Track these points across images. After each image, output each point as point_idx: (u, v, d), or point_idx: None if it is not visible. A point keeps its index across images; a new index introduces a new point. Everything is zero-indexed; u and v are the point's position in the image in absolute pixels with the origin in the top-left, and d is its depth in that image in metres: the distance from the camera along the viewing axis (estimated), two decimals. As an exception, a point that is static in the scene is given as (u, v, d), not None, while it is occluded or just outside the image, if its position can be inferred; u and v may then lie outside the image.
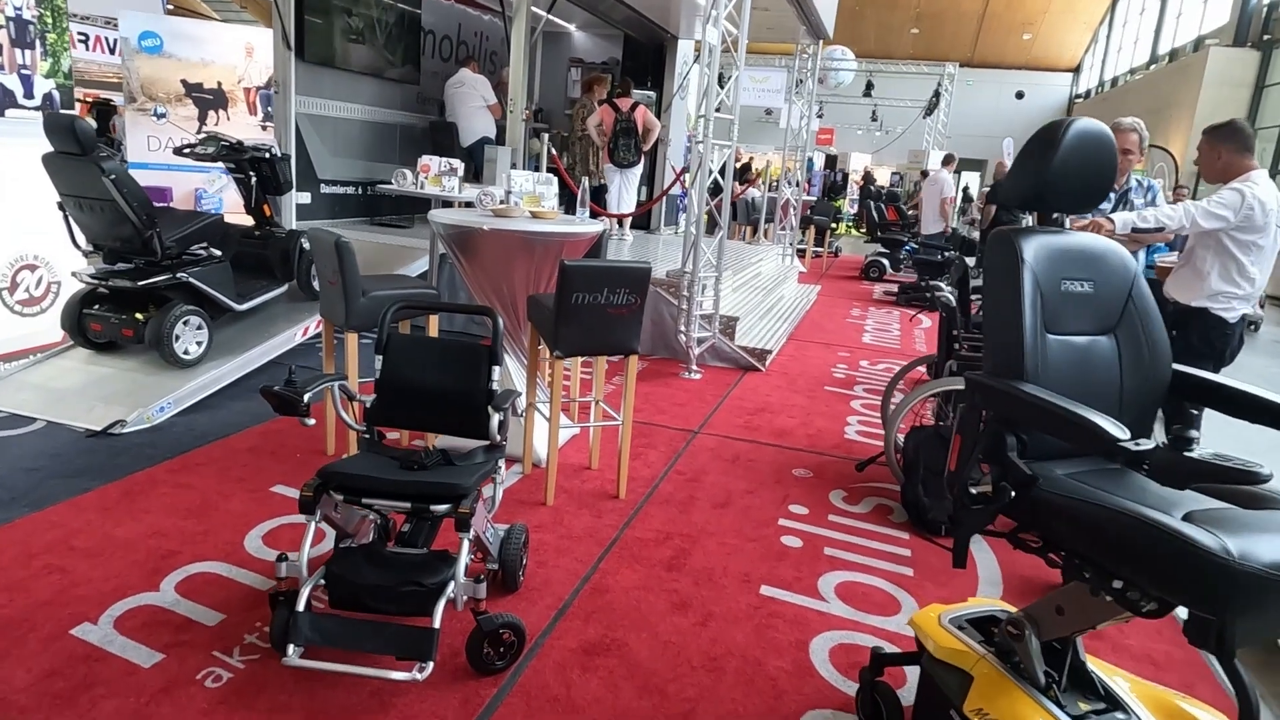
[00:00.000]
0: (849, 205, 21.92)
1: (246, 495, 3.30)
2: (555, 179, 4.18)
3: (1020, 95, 36.08)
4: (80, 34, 21.43)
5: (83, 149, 3.89)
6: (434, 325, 3.75)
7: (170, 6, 14.04)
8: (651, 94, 9.79)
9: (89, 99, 24.31)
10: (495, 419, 2.32)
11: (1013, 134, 27.78)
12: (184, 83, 13.29)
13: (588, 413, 4.19)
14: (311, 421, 2.35)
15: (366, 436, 2.60)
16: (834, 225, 16.25)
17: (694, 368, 5.66)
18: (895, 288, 10.93)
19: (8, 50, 4.19)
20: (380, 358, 2.60)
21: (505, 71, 8.65)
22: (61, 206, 4.20)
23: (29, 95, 4.33)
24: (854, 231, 21.02)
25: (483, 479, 2.37)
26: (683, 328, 5.68)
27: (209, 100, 13.51)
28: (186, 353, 4.31)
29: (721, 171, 5.79)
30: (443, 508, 2.23)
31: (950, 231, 10.49)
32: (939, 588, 3.02)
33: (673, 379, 5.55)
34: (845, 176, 23.38)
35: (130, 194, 3.95)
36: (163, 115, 9.78)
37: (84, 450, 3.62)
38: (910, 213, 13.35)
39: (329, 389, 2.49)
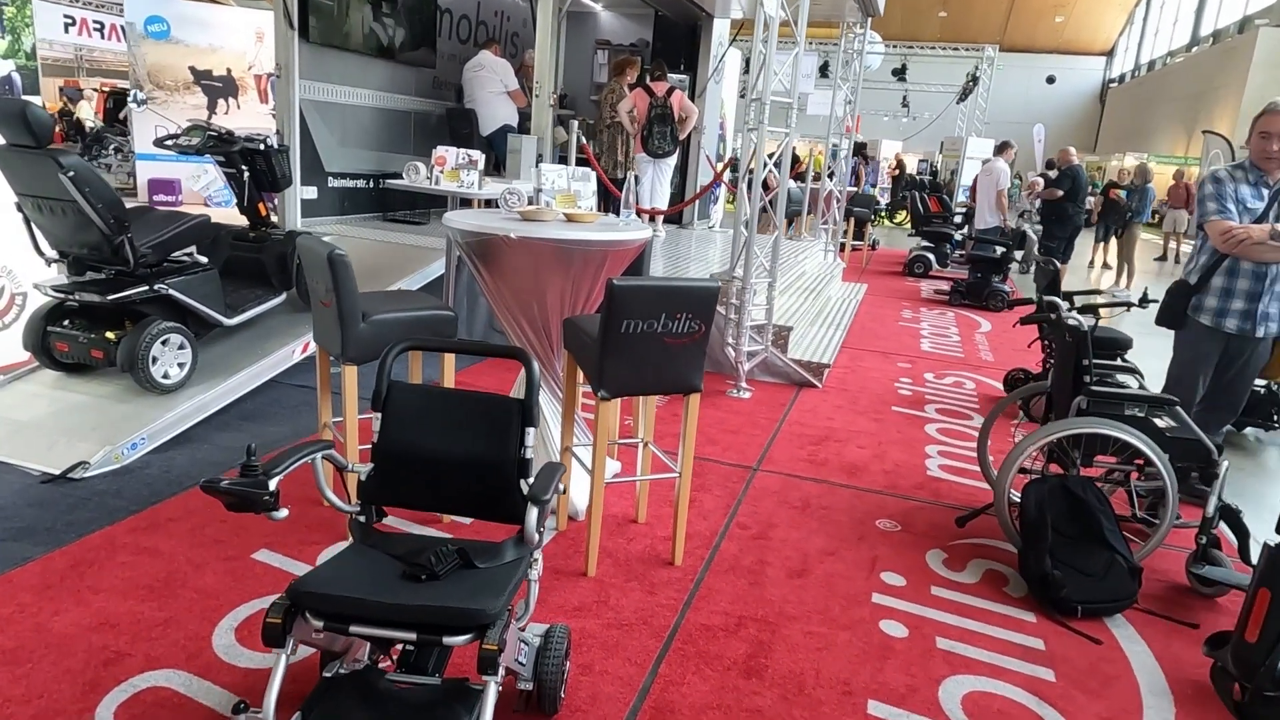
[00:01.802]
0: (879, 195, 21.07)
1: (222, 565, 2.70)
2: (593, 174, 3.54)
3: (1051, 80, 34.91)
4: (96, 22, 21.11)
5: (37, 140, 3.29)
6: (449, 365, 3.12)
7: (179, -11, 13.50)
8: (684, 78, 9.09)
9: (106, 89, 23.98)
10: (533, 514, 1.68)
11: (1043, 120, 26.77)
12: (192, 69, 12.75)
13: (633, 455, 3.55)
14: (282, 514, 1.72)
15: (360, 520, 1.98)
16: (875, 217, 15.51)
17: (744, 385, 5.01)
18: (945, 285, 10.19)
19: (-44, 25, 3.59)
20: (378, 415, 1.97)
21: (529, 54, 8.02)
22: (20, 208, 3.61)
23: (-16, 78, 3.73)
24: (886, 222, 20.20)
25: (515, 591, 1.75)
26: (731, 340, 5.03)
27: (218, 88, 12.98)
28: (166, 377, 3.72)
29: (776, 162, 5.11)
30: (460, 639, 1.61)
31: (1008, 225, 9.74)
32: (1092, 698, 2.37)
33: (720, 398, 4.90)
34: (868, 161, 22.49)
35: (94, 193, 3.35)
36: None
37: (34, 500, 3.03)
38: (957, 204, 12.58)
39: (311, 462, 1.87)
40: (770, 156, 5.21)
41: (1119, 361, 3.98)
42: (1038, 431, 3.05)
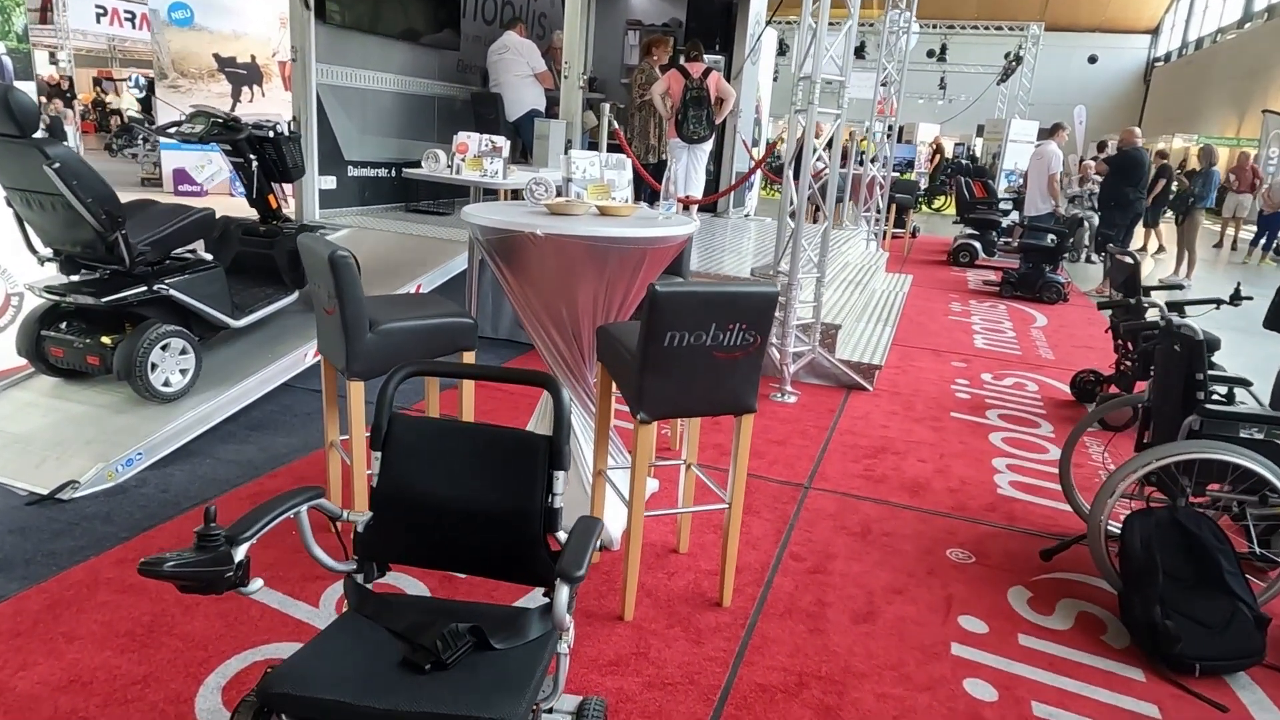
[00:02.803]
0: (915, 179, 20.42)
1: (213, 607, 2.40)
2: (628, 162, 3.17)
3: (1093, 60, 33.74)
4: (127, 12, 21.07)
5: (20, 129, 3.00)
6: (468, 361, 2.78)
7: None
8: (719, 59, 8.66)
9: (145, 77, 23.92)
10: (564, 594, 1.33)
11: (1085, 101, 25.79)
12: (216, 57, 12.57)
13: (673, 475, 3.20)
14: (257, 585, 1.40)
15: (357, 580, 1.66)
16: (917, 204, 14.96)
17: (788, 389, 4.63)
18: (994, 276, 9.69)
19: (-61, 5, 3.31)
20: (378, 455, 1.64)
21: (557, 35, 7.63)
22: (9, 203, 3.34)
23: (-29, 62, 3.45)
24: (925, 208, 19.56)
25: (541, 680, 1.41)
26: (775, 340, 4.65)
27: (242, 75, 12.78)
28: (167, 385, 3.44)
29: (825, 146, 4.70)
30: (473, 753, 1.27)
31: (1061, 212, 9.20)
32: (1226, 786, 1.99)
33: (763, 403, 4.52)
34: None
35: (83, 186, 3.06)
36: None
37: (16, 526, 2.76)
38: (1005, 189, 12.01)
39: (295, 518, 1.54)
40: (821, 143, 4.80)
41: (1220, 371, 3.54)
42: (1142, 456, 2.64)
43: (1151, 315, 4.38)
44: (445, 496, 1.63)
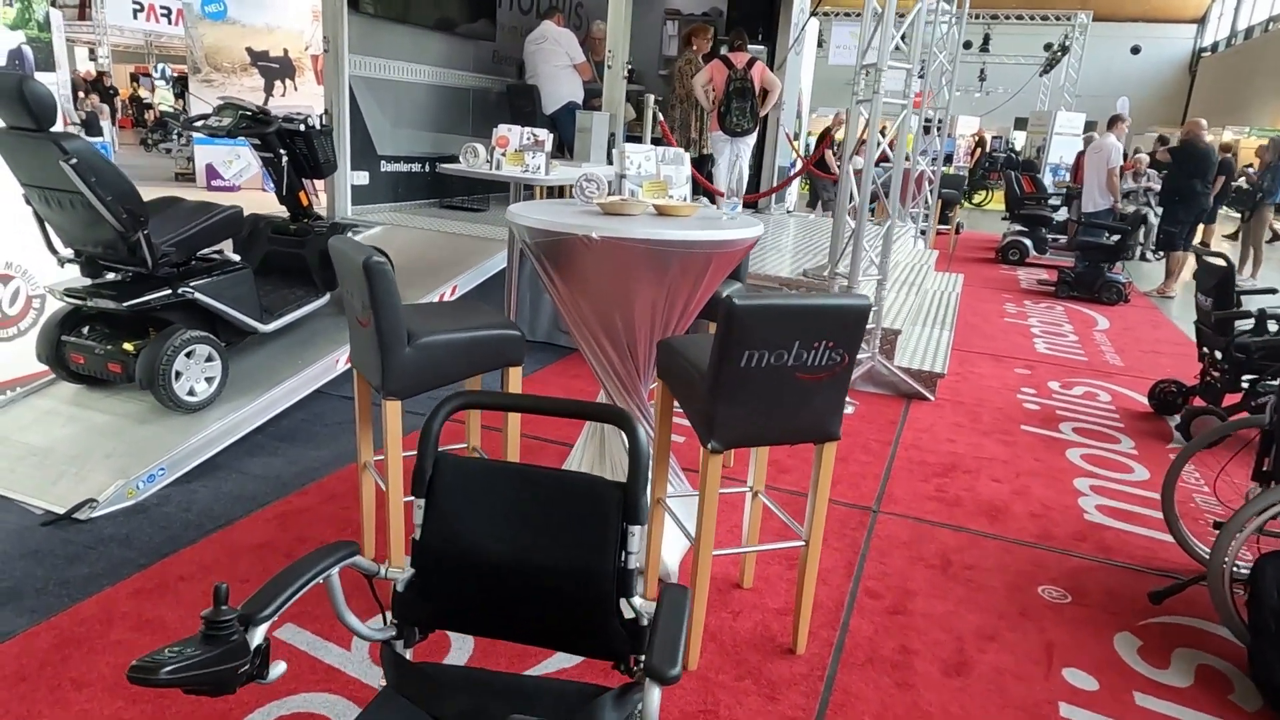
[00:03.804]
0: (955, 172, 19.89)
1: (237, 648, 2.17)
2: (686, 156, 2.90)
3: (1136, 50, 32.75)
4: (163, 8, 21.19)
5: (37, 122, 2.80)
6: (514, 380, 2.52)
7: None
8: (762, 49, 8.34)
9: (175, 73, 24.15)
10: (654, 697, 1.07)
11: (1128, 93, 24.99)
12: (249, 50, 12.47)
13: (736, 503, 2.93)
14: (278, 671, 1.16)
15: (395, 649, 1.42)
16: (964, 199, 14.51)
17: (847, 398, 4.32)
18: (1046, 274, 9.29)
19: (-45, -9, 3.14)
20: (421, 503, 1.40)
21: (596, 25, 7.38)
22: (28, 200, 3.15)
23: (-11, 52, 3.28)
24: (966, 203, 19.04)
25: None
26: (832, 346, 4.34)
27: (275, 69, 12.67)
28: (191, 394, 3.24)
29: (880, 135, 4.39)
30: None
31: (1120, 208, 8.75)
32: None
33: (819, 414, 4.23)
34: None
35: (102, 183, 2.86)
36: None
37: (30, 549, 2.57)
38: (1057, 184, 11.55)
39: (327, 582, 1.29)
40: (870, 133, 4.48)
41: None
42: (1262, 497, 2.32)
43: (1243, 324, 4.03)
44: (499, 552, 1.38)
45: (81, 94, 15.53)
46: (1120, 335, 6.74)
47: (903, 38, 9.75)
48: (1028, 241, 10.43)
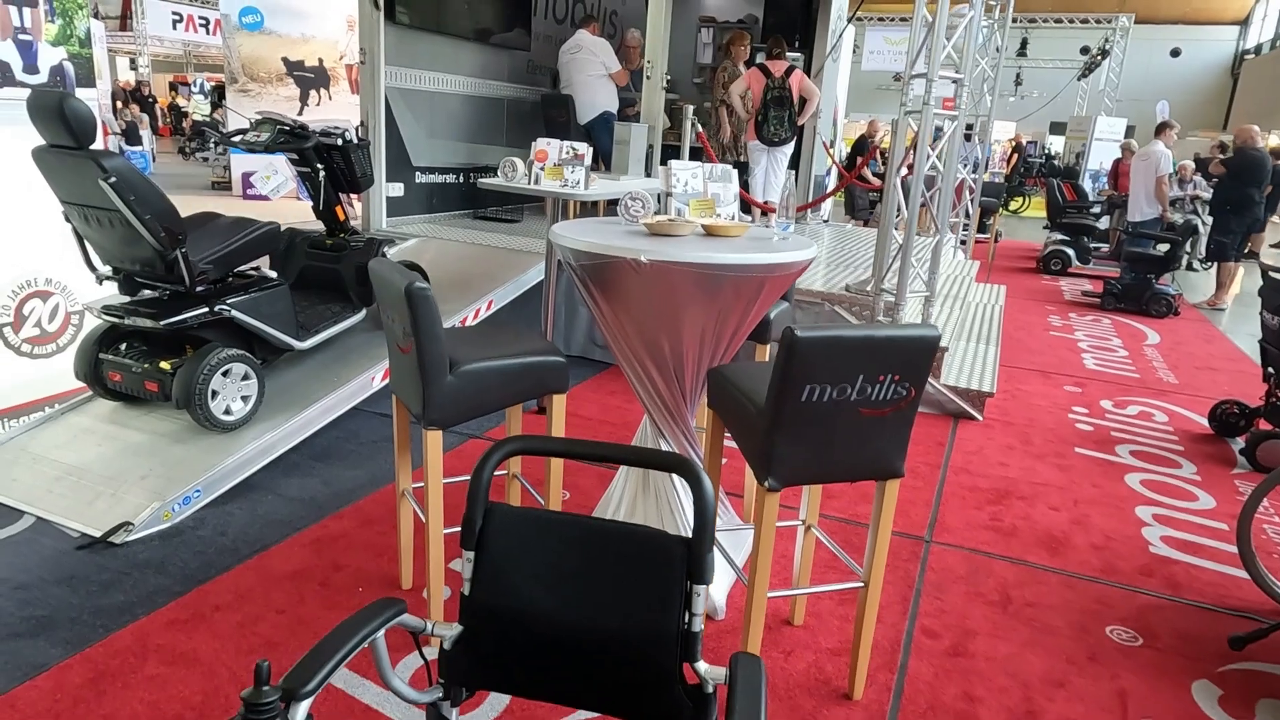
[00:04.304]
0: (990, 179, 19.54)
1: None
2: (734, 173, 2.80)
3: (1176, 53, 32.05)
4: (201, 18, 21.59)
5: (77, 140, 2.78)
6: (558, 411, 2.42)
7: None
8: (799, 56, 8.22)
9: (211, 82, 24.64)
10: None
11: (1167, 96, 24.42)
12: (285, 60, 12.59)
13: (787, 534, 2.81)
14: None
15: (441, 709, 1.33)
16: (1004, 207, 14.24)
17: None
18: (1091, 286, 9.05)
19: (-2, 8, 3.13)
20: (470, 556, 1.31)
21: (631, 33, 7.31)
22: (67, 218, 3.13)
23: (31, 68, 3.27)
24: (1004, 211, 18.70)
25: None
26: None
27: (310, 79, 12.77)
28: (228, 413, 3.20)
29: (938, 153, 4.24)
30: None
31: (1168, 217, 8.50)
32: None
33: (863, 435, 4.10)
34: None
35: (140, 201, 2.82)
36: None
37: (64, 575, 2.52)
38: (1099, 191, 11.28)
39: (373, 644, 1.21)
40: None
41: None
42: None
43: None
44: (554, 610, 1.29)
45: (120, 103, 15.78)
46: (1172, 350, 6.51)
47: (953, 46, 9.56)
48: (1070, 251, 10.17)
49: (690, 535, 1.27)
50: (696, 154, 5.94)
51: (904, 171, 5.88)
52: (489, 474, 1.31)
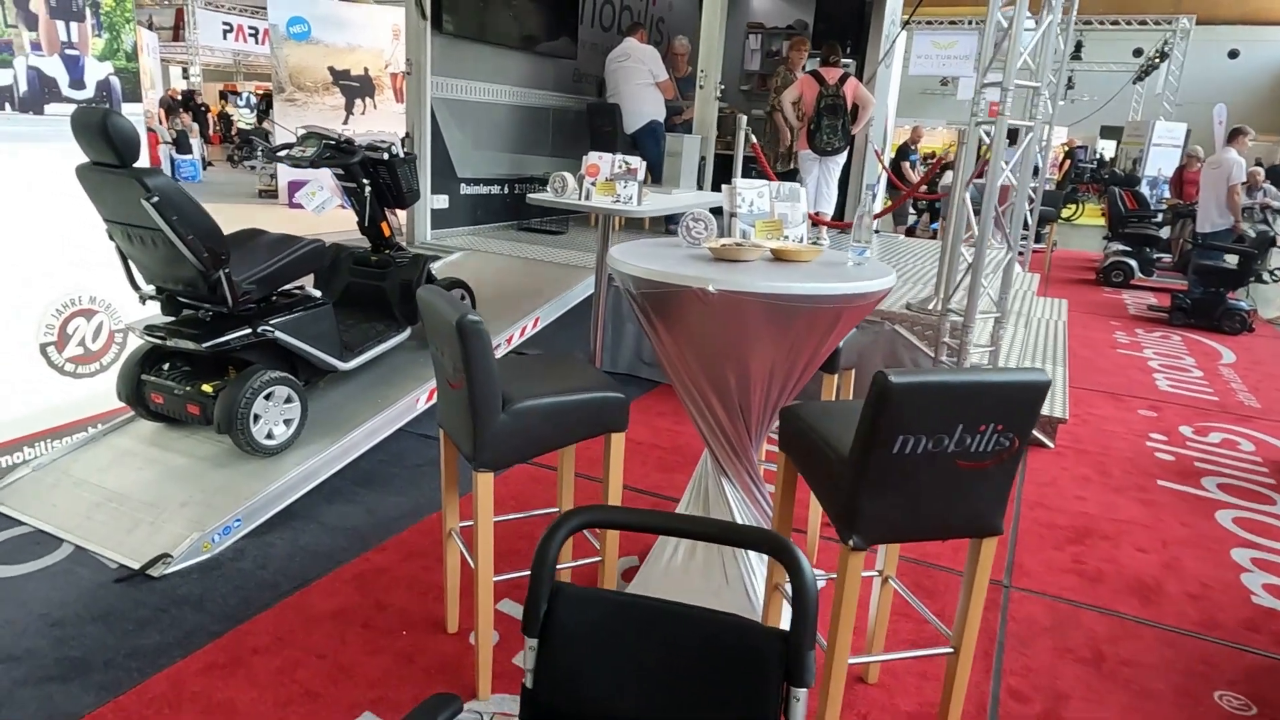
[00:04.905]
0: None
1: (311, 742, 1.98)
2: (802, 192, 2.62)
3: (1234, 54, 30.98)
4: (250, 28, 21.99)
5: (120, 158, 2.69)
6: (618, 445, 2.25)
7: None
8: (850, 62, 7.99)
9: (259, 91, 25.06)
10: None
11: (1225, 99, 23.56)
12: (331, 70, 12.68)
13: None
14: None
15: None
16: (1062, 215, 13.81)
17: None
18: (1156, 300, 8.66)
19: (45, 22, 3.08)
20: (533, 643, 1.15)
21: (678, 41, 7.16)
22: (111, 236, 3.06)
23: (78, 84, 3.22)
24: (1059, 219, 18.15)
25: None
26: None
27: (355, 88, 12.84)
28: (270, 437, 3.10)
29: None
30: None
31: (1244, 228, 8.09)
32: None
33: (928, 463, 3.87)
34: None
35: (183, 221, 2.73)
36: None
37: (101, 610, 2.43)
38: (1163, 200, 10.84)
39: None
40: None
41: None
42: None
43: None
44: (629, 712, 1.12)
45: (164, 111, 16.04)
46: (1250, 370, 6.15)
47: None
48: (1132, 262, 9.77)
49: (790, 632, 1.09)
50: (749, 164, 5.76)
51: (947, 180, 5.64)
52: (555, 551, 1.15)
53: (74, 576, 2.60)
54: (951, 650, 1.91)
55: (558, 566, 1.33)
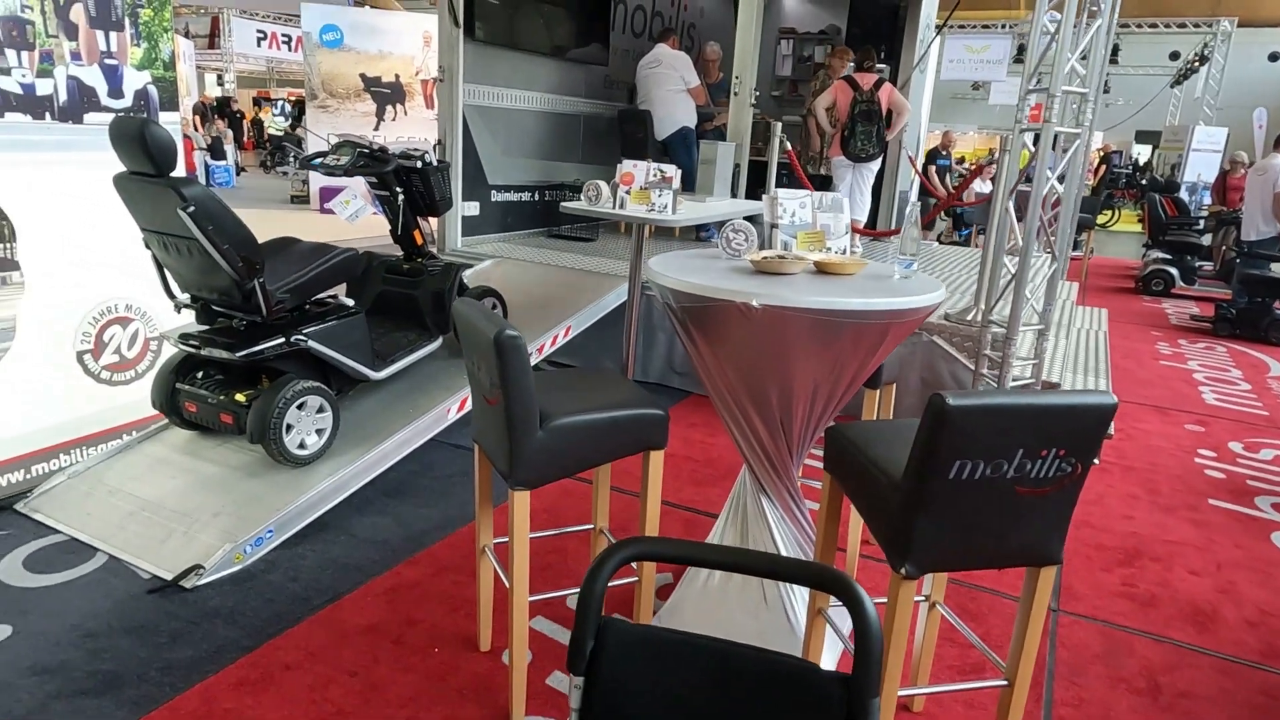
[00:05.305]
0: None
1: (343, 764, 1.94)
2: (845, 202, 2.55)
3: (1275, 58, 30.28)
4: (284, 35, 22.30)
5: (157, 167, 2.69)
6: (656, 463, 2.20)
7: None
8: (884, 67, 7.89)
9: (291, 98, 25.38)
10: None
11: (1264, 103, 22.98)
12: (362, 76, 12.78)
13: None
14: None
15: None
16: (1098, 222, 13.55)
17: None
18: (1199, 310, 8.44)
19: (85, 32, 3.10)
20: (579, 682, 1.09)
21: (709, 47, 7.11)
22: (147, 244, 3.06)
23: (116, 93, 3.23)
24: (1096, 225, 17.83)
25: None
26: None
27: (386, 94, 12.94)
28: (302, 447, 3.08)
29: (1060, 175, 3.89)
30: None
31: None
32: None
33: (968, 479, 3.77)
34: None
35: (219, 231, 2.72)
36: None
37: (134, 623, 2.41)
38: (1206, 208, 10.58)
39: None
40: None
41: None
42: None
43: None
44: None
45: (199, 117, 16.29)
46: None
47: (1020, 50, 9.13)
48: (1173, 270, 9.54)
49: (854, 674, 1.03)
50: (783, 170, 5.69)
51: (982, 187, 5.51)
52: (603, 585, 1.09)
53: (107, 586, 2.60)
54: (1005, 683, 1.83)
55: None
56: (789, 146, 5.31)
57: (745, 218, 2.66)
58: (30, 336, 3.12)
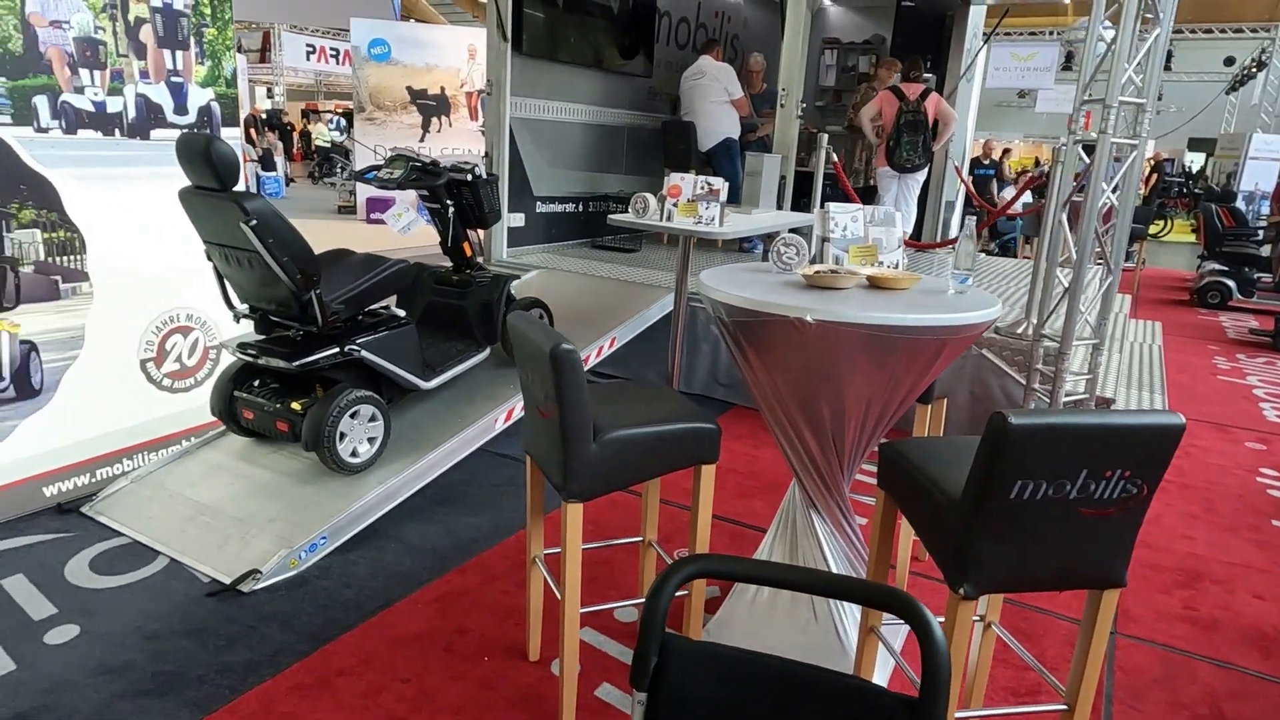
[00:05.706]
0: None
1: (397, 771, 1.97)
2: (897, 216, 2.54)
3: (1336, 62, 29.35)
4: (332, 49, 22.81)
5: (221, 182, 2.77)
6: (708, 477, 2.20)
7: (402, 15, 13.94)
8: (930, 77, 7.82)
9: (338, 110, 25.89)
10: None
11: (1311, 110, 22.27)
12: (409, 89, 13.03)
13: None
14: None
15: None
16: (1150, 232, 13.24)
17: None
18: (1258, 323, 8.19)
19: (153, 52, 3.21)
20: (641, 698, 1.10)
21: (753, 58, 7.12)
22: (209, 256, 3.15)
23: (181, 110, 3.34)
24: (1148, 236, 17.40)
25: None
26: (1034, 418, 3.81)
27: (432, 107, 13.15)
28: (354, 455, 3.14)
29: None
30: None
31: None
32: None
33: (1019, 495, 3.70)
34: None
35: (279, 244, 2.80)
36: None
37: (193, 626, 2.48)
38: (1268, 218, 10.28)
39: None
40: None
41: None
42: None
43: None
44: (745, 777, 1.06)
45: (252, 130, 16.70)
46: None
47: (1069, 59, 8.97)
48: (1230, 283, 9.27)
49: (920, 699, 1.02)
50: (830, 182, 5.66)
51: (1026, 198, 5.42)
52: (666, 602, 1.10)
53: (168, 589, 2.67)
54: (1065, 708, 1.79)
55: (638, 601, 1.28)
56: (834, 158, 5.28)
57: (791, 229, 2.66)
58: (97, 344, 3.23)
